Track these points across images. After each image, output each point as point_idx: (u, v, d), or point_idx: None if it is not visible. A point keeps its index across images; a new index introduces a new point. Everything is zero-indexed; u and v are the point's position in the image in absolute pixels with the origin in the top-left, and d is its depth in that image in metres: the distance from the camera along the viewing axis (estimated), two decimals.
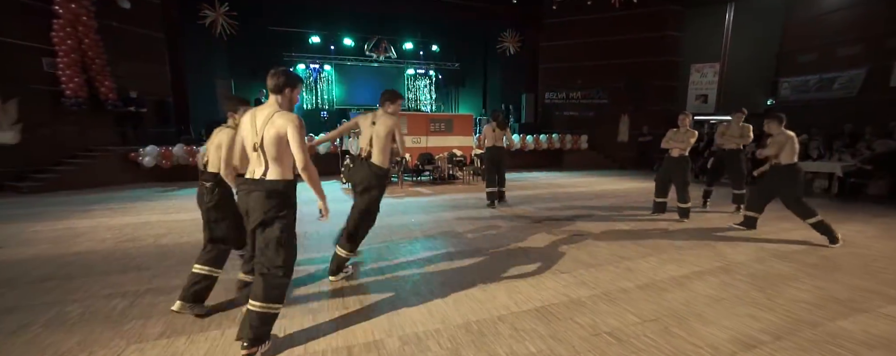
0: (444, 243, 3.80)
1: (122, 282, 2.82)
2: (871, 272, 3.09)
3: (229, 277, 2.73)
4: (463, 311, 2.35)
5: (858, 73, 9.83)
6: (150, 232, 4.21)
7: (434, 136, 9.37)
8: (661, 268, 3.10)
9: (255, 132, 1.89)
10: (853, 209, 5.71)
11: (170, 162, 8.25)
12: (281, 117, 1.87)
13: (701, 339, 2.03)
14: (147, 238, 3.97)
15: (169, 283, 2.77)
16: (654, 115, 12.04)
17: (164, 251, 3.53)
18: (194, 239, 3.89)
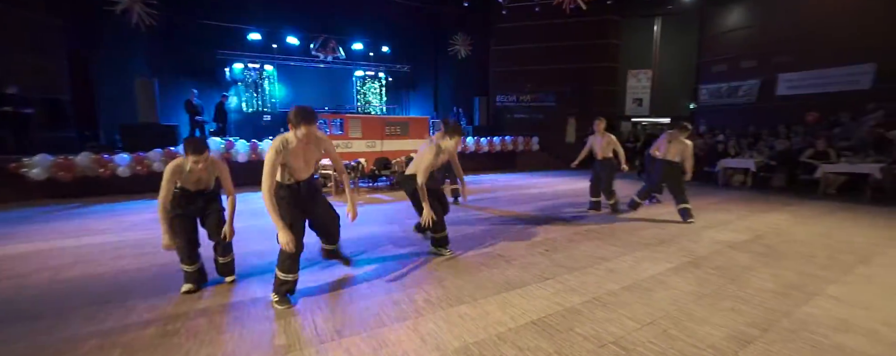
0: (418, 254, 3.54)
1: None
2: (805, 256, 3.43)
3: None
4: (457, 333, 2.13)
5: (755, 82, 11.36)
6: (48, 263, 3.38)
7: (390, 139, 9.03)
8: (639, 267, 3.15)
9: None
10: (765, 199, 6.46)
11: (71, 174, 6.88)
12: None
13: (700, 340, 2.03)
14: (43, 272, 3.17)
15: (76, 335, 2.15)
16: (598, 118, 12.82)
17: (69, 289, 2.82)
18: (113, 268, 3.20)
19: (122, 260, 3.41)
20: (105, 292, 2.71)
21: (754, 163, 7.76)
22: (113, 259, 3.43)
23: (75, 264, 3.33)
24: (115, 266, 3.26)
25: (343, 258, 3.03)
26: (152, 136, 8.07)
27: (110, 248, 3.76)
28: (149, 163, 7.47)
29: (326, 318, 2.30)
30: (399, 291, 2.70)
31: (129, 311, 2.39)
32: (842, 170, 6.73)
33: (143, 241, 3.98)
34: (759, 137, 9.47)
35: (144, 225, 4.73)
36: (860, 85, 9.53)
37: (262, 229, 4.45)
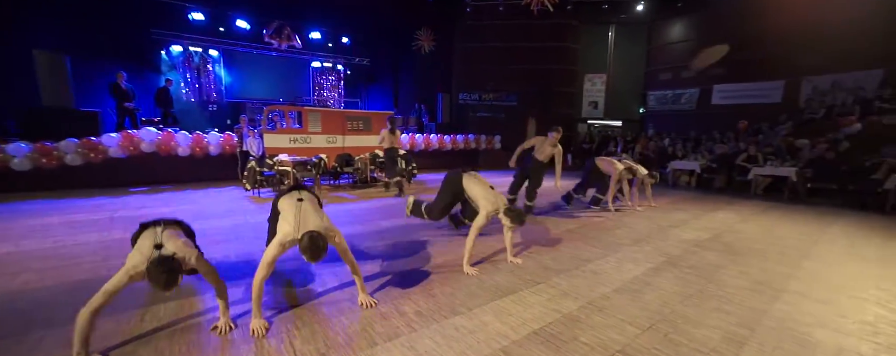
0: (396, 259, 3.29)
1: None
2: (759, 253, 3.71)
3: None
4: (459, 349, 1.95)
5: (695, 91, 12.45)
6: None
7: (352, 134, 8.58)
8: (623, 268, 3.19)
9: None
10: (710, 199, 7.04)
11: None
12: None
13: (702, 344, 2.04)
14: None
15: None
16: (557, 119, 13.26)
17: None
18: (7, 288, 2.57)
19: (21, 277, 2.77)
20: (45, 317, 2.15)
21: (699, 165, 8.43)
22: (8, 276, 2.77)
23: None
24: (11, 286, 2.63)
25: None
26: (63, 122, 6.86)
27: (3, 262, 3.05)
28: (59, 154, 6.35)
29: (306, 340, 2.00)
30: (385, 303, 2.45)
31: (34, 348, 1.90)
32: (767, 172, 7.53)
33: (48, 252, 3.28)
34: (700, 142, 10.37)
35: (49, 230, 3.95)
36: (772, 99, 10.83)
37: (220, 230, 3.90)
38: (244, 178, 6.45)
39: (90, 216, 4.58)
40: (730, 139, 9.82)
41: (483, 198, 3.17)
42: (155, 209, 5.06)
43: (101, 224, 4.23)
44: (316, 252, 2.05)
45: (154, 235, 1.98)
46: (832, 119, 8.97)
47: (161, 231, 2.02)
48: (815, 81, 10.09)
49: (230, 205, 5.43)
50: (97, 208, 5.03)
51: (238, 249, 3.46)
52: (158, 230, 2.03)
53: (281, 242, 2.17)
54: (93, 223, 4.26)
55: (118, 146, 6.72)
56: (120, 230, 3.97)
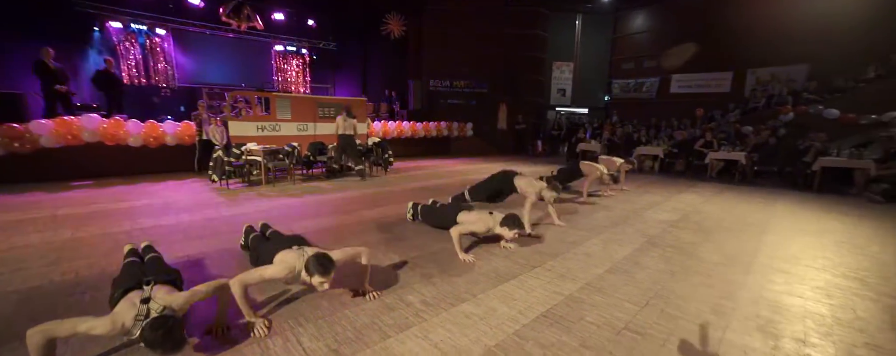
0: (388, 250, 3.22)
1: None
2: (726, 230, 4.03)
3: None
4: (473, 336, 1.95)
5: (655, 80, 13.14)
6: None
7: (324, 122, 8.20)
8: (610, 249, 3.33)
9: None
10: (673, 182, 7.53)
11: None
12: None
13: (696, 316, 2.18)
14: None
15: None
16: (527, 106, 13.49)
17: None
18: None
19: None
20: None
21: (662, 150, 8.96)
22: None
23: None
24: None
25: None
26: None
27: None
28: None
29: (314, 337, 1.91)
30: (388, 294, 2.39)
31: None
32: (721, 156, 8.16)
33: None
34: (660, 128, 11.00)
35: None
36: (723, 88, 11.69)
37: (193, 225, 3.60)
38: (210, 170, 5.98)
39: (26, 215, 4.05)
40: (686, 126, 10.51)
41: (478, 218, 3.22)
42: (107, 205, 4.57)
43: (43, 223, 3.76)
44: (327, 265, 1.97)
45: (139, 293, 1.72)
46: (771, 108, 9.84)
47: (150, 287, 1.75)
48: (758, 73, 10.98)
49: (197, 198, 5.03)
50: (33, 206, 4.46)
51: (215, 245, 3.22)
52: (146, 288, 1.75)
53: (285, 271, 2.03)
54: (31, 222, 3.77)
55: (50, 134, 5.95)
56: (68, 229, 3.55)
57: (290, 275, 2.03)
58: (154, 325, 1.52)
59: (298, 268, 2.02)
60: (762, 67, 10.73)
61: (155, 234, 3.40)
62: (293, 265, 2.03)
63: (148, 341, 1.51)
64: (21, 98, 6.41)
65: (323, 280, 1.97)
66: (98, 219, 3.91)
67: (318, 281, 1.97)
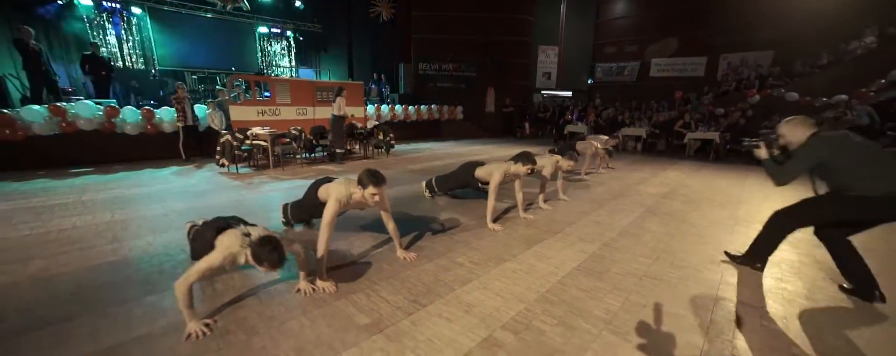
0: (421, 223, 3.53)
1: None
2: (708, 200, 4.59)
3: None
4: (525, 285, 2.33)
5: (636, 64, 13.74)
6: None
7: (322, 105, 8.23)
8: (616, 218, 3.79)
9: None
10: (656, 161, 8.17)
11: None
12: None
13: (698, 266, 2.66)
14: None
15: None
16: (514, 89, 13.83)
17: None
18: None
19: (33, 263, 2.55)
20: (75, 293, 2.05)
21: (645, 131, 9.59)
22: (17, 263, 2.54)
23: None
24: (26, 273, 2.43)
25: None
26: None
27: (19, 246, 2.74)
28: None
29: (391, 292, 2.23)
30: (439, 258, 2.73)
31: (94, 332, 1.90)
32: (698, 136, 8.87)
33: (38, 239, 3.00)
34: (641, 110, 11.65)
35: (13, 217, 3.51)
36: (697, 73, 12.43)
37: (226, 206, 3.76)
38: (218, 154, 6.00)
39: (51, 200, 4.07)
40: (664, 108, 11.20)
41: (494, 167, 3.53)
42: (125, 190, 4.61)
43: (74, 207, 3.82)
44: (379, 175, 2.33)
45: (237, 231, 1.96)
46: (741, 91, 10.64)
47: (242, 227, 2.02)
48: (729, 58, 11.75)
49: (213, 183, 5.12)
50: (50, 192, 4.45)
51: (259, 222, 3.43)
52: (238, 227, 2.01)
53: (338, 199, 2.34)
54: (61, 207, 3.82)
55: (46, 122, 5.77)
56: (104, 212, 3.65)
57: (229, 258, 1.86)
58: (262, 242, 1.80)
59: (237, 250, 1.86)
60: (733, 53, 11.47)
61: (192, 215, 3.56)
62: (233, 247, 1.86)
63: (257, 255, 1.78)
64: (1, 81, 6.12)
65: (375, 191, 2.31)
66: (127, 203, 4.00)
67: (371, 192, 2.31)
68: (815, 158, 2.14)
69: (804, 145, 2.19)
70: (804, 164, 2.17)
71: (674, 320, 1.97)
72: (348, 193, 2.39)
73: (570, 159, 4.23)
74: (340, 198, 2.35)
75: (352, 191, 2.39)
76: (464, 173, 3.82)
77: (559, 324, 1.92)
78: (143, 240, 2.97)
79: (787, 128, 2.30)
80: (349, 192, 2.39)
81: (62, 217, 3.50)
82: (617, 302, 2.15)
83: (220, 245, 1.89)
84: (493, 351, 1.70)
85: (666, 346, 1.75)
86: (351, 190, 2.39)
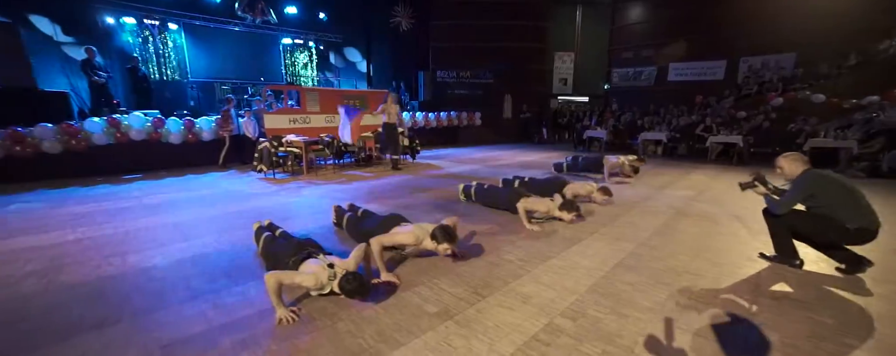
0: (463, 224, 3.72)
1: None
2: (737, 202, 4.65)
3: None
4: (575, 278, 2.49)
5: (653, 69, 13.77)
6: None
7: None
8: (647, 219, 3.92)
9: None
10: (678, 165, 8.21)
11: None
12: None
13: (737, 264, 2.78)
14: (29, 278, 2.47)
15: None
16: (531, 95, 14.01)
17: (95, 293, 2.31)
18: (130, 269, 2.66)
19: (132, 257, 2.84)
20: (160, 291, 2.31)
21: (665, 135, 9.63)
22: (99, 259, 2.82)
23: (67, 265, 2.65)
24: (121, 268, 2.71)
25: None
26: (24, 105, 6.08)
27: (80, 248, 3.04)
28: (34, 141, 5.80)
29: (452, 284, 2.42)
30: (488, 256, 2.91)
31: (190, 318, 2.14)
32: (720, 140, 8.87)
33: (116, 238, 3.30)
34: (659, 115, 11.67)
35: (89, 218, 3.84)
36: (717, 76, 12.40)
37: (279, 208, 4.03)
38: (256, 161, 6.34)
39: (118, 204, 4.42)
40: (684, 112, 11.21)
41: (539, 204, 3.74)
42: (178, 194, 4.94)
43: (138, 211, 4.15)
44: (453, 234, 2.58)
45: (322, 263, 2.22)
46: (763, 94, 10.59)
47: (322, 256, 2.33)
48: (749, 61, 11.70)
49: (255, 188, 5.43)
50: (115, 196, 4.81)
51: (307, 224, 3.68)
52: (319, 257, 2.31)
53: (411, 239, 2.60)
54: (127, 211, 4.15)
55: (104, 132, 6.21)
56: (167, 215, 3.96)
57: (316, 286, 2.12)
58: (349, 279, 2.08)
59: (325, 282, 2.12)
60: (754, 55, 11.43)
61: (250, 217, 3.84)
62: (320, 279, 2.12)
63: (347, 290, 2.08)
64: (67, 97, 6.61)
65: (448, 247, 2.53)
66: (183, 206, 4.32)
67: (444, 248, 2.53)
68: (807, 190, 2.53)
69: (798, 178, 2.58)
70: (798, 194, 2.56)
71: (719, 311, 2.11)
72: (420, 239, 2.61)
73: (605, 194, 4.39)
74: (412, 240, 2.60)
75: (423, 239, 2.60)
76: (508, 201, 3.93)
77: (612, 313, 2.08)
78: (210, 238, 3.24)
79: (785, 162, 2.70)
80: (421, 239, 2.61)
81: (132, 218, 3.81)
82: (662, 294, 2.30)
83: (309, 272, 2.14)
84: (556, 334, 1.88)
85: (715, 334, 1.90)
86: (423, 238, 2.60)
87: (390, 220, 2.93)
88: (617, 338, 1.85)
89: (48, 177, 5.90)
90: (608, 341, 1.83)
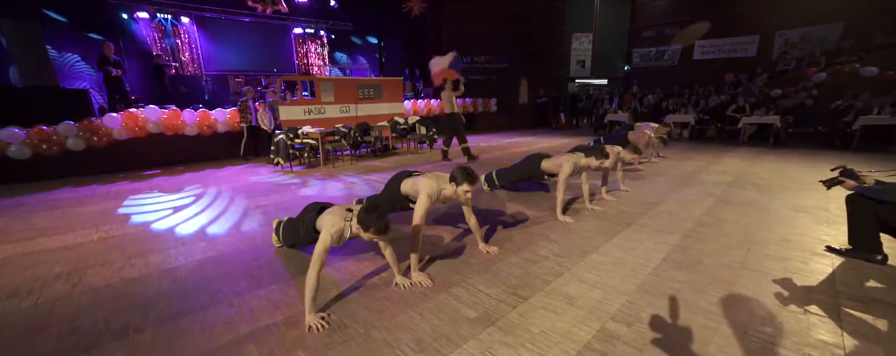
0: (489, 216, 3.55)
1: None
2: (784, 187, 4.31)
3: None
4: (619, 278, 2.29)
5: (677, 48, 13.06)
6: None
7: (364, 103, 8.40)
8: (688, 207, 3.65)
9: None
10: (708, 148, 7.78)
11: None
12: None
13: (800, 258, 2.52)
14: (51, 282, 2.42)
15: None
16: (547, 79, 13.53)
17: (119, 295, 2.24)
18: (158, 269, 2.59)
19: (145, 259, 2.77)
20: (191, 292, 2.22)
21: (693, 117, 9.15)
22: (160, 252, 2.76)
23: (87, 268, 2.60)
24: (186, 261, 2.64)
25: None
26: (46, 104, 6.10)
27: (135, 241, 2.99)
28: (59, 139, 5.83)
29: (488, 285, 2.26)
30: (521, 251, 2.73)
31: (262, 306, 2.03)
32: (755, 121, 8.36)
33: (163, 233, 3.24)
34: (685, 95, 11.09)
35: (110, 216, 3.81)
36: (749, 53, 11.66)
37: (309, 199, 3.93)
38: (273, 154, 6.26)
39: (137, 201, 4.40)
40: (711, 92, 10.61)
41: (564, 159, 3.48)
42: (195, 190, 4.90)
43: (158, 208, 4.11)
44: (474, 174, 2.36)
45: (338, 208, 2.12)
46: (802, 70, 9.90)
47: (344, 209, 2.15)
48: (786, 35, 10.93)
49: (276, 181, 5.35)
50: (133, 192, 4.80)
51: None
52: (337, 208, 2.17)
53: (429, 194, 2.39)
54: (147, 208, 4.12)
55: (122, 127, 6.22)
56: (187, 212, 3.90)
57: (336, 234, 1.96)
58: (368, 209, 1.93)
59: (341, 225, 1.97)
60: (791, 29, 10.66)
61: (269, 213, 3.74)
62: (338, 223, 1.97)
63: (364, 221, 1.89)
64: (86, 94, 6.62)
65: (469, 188, 2.35)
66: (205, 203, 4.26)
67: (464, 189, 2.35)
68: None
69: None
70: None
71: (793, 315, 1.89)
72: (438, 189, 2.42)
73: (632, 151, 4.12)
74: (432, 193, 2.40)
75: (442, 187, 2.42)
76: (529, 165, 3.81)
77: (671, 316, 1.88)
78: (231, 237, 3.15)
79: None
80: (439, 188, 2.43)
81: (153, 216, 3.77)
82: (720, 294, 2.08)
83: (325, 222, 2.01)
84: (611, 342, 1.70)
85: (795, 344, 1.68)
86: (441, 185, 2.43)
87: (395, 181, 2.78)
88: (681, 347, 1.66)
89: (73, 174, 5.96)
90: (672, 349, 1.64)
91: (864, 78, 8.15)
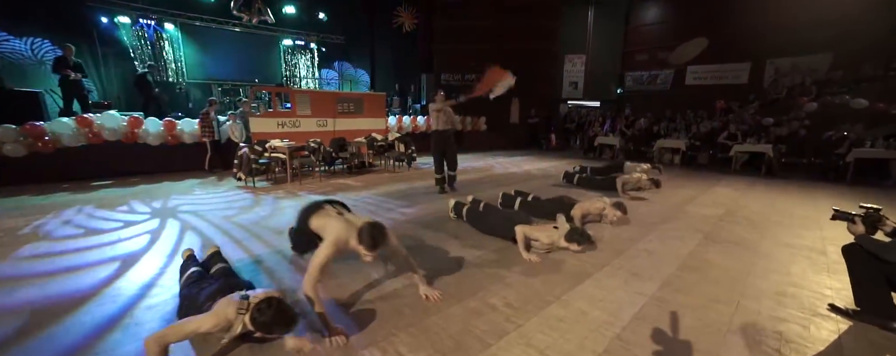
0: (445, 249, 3.13)
1: None
2: (777, 223, 3.93)
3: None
4: (576, 341, 1.86)
5: (670, 72, 12.98)
6: None
7: (343, 117, 8.07)
8: (669, 246, 3.25)
9: None
10: (699, 175, 7.45)
11: None
12: None
13: (802, 318, 2.11)
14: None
15: None
16: (539, 99, 13.34)
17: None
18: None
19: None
20: None
21: (684, 143, 8.87)
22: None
23: None
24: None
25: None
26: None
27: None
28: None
29: (412, 348, 1.82)
30: (468, 299, 2.30)
31: None
32: (747, 149, 8.07)
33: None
34: (676, 121, 10.87)
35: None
36: (740, 79, 11.55)
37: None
38: (235, 168, 5.85)
39: (60, 219, 3.94)
40: (703, 117, 10.40)
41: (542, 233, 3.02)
42: (139, 205, 4.45)
43: (73, 231, 3.65)
44: (379, 237, 1.95)
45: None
46: (793, 99, 9.73)
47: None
48: (776, 63, 10.84)
49: (229, 200, 4.92)
50: (68, 205, 4.34)
51: (263, 247, 3.12)
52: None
53: (336, 242, 1.99)
54: (63, 230, 3.67)
55: (74, 133, 5.81)
56: (116, 235, 3.45)
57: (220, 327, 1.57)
58: (260, 308, 1.52)
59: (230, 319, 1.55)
60: (782, 57, 10.58)
61: (214, 237, 3.30)
62: (227, 316, 1.56)
63: (260, 324, 1.52)
64: (38, 96, 6.24)
65: (367, 253, 1.95)
66: (146, 224, 3.81)
67: (364, 253, 1.95)
68: None
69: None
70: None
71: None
72: (346, 238, 2.00)
73: (619, 210, 3.74)
74: (338, 241, 1.99)
75: (350, 239, 2.00)
76: (504, 227, 3.23)
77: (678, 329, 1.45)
78: (172, 275, 2.70)
79: None
80: (347, 238, 2.00)
81: (59, 242, 3.31)
82: (726, 315, 1.65)
83: (212, 311, 1.61)
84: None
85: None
86: (351, 234, 2.00)
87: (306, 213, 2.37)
88: None
89: (11, 182, 5.48)
90: None
91: (854, 110, 7.95)
